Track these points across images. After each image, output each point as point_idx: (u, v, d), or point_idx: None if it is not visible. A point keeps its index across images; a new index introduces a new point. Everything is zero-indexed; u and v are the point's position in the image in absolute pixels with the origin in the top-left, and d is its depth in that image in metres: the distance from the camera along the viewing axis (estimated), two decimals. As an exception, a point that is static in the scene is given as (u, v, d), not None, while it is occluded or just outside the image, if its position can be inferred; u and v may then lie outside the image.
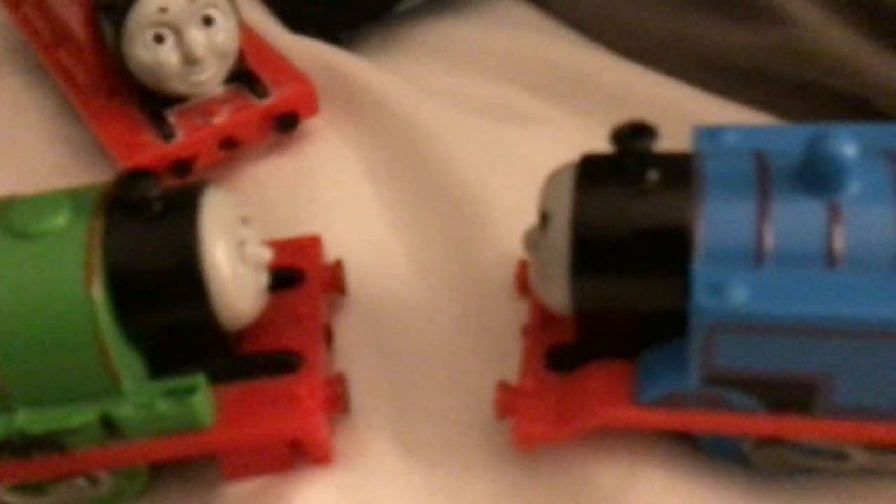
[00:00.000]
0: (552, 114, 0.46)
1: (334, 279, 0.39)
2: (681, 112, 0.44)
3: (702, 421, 0.31)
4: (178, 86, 0.42)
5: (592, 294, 0.31)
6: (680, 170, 0.30)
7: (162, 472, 0.35)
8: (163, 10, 0.40)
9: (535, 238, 0.32)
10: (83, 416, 0.31)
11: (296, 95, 0.44)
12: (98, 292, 0.30)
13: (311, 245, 0.39)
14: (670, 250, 0.29)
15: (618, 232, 0.30)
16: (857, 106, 0.41)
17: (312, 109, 0.45)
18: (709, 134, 0.32)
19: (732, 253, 0.29)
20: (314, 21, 0.50)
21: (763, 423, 0.30)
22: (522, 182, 0.40)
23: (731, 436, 0.31)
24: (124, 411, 0.31)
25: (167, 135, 0.42)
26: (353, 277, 0.40)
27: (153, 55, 0.41)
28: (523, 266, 0.37)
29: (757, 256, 0.29)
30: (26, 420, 0.31)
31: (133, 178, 0.32)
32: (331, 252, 0.40)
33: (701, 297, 0.28)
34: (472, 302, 0.39)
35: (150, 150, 0.42)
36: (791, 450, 0.31)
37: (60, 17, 0.47)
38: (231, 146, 0.43)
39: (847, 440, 0.30)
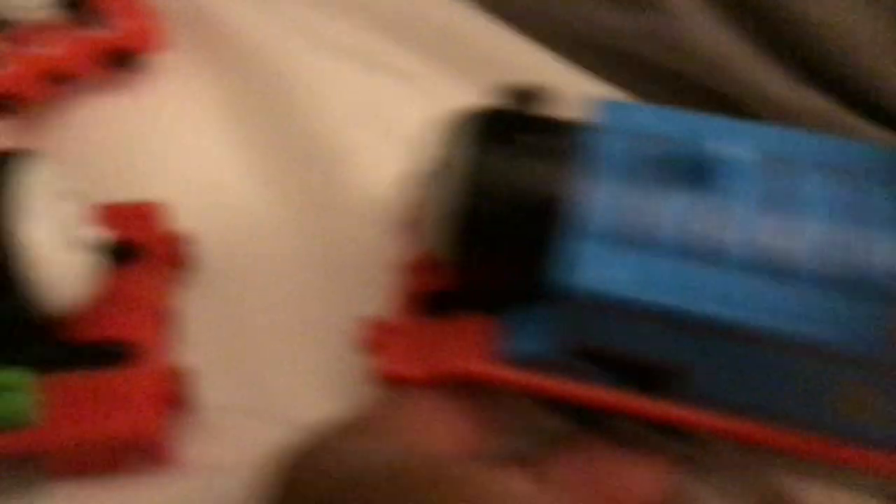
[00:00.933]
0: (420, 70, 0.43)
1: (174, 253, 0.36)
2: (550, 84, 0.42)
3: (557, 388, 0.31)
4: (-1, 10, 0.37)
5: (472, 249, 0.31)
6: (573, 141, 0.30)
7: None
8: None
9: (429, 180, 0.32)
10: None
11: (136, 29, 0.40)
12: None
13: (147, 212, 0.36)
14: (550, 220, 0.30)
15: (506, 193, 0.30)
16: (727, 104, 0.40)
17: (157, 45, 0.41)
18: (612, 107, 0.32)
19: (608, 233, 0.29)
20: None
21: (615, 399, 0.30)
22: (386, 136, 0.40)
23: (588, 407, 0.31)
24: None
25: (-13, 65, 0.38)
26: (200, 239, 0.37)
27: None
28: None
29: (631, 241, 0.29)
30: None
31: None
32: (175, 206, 0.37)
33: (566, 270, 0.28)
34: (333, 269, 0.37)
35: (-33, 82, 0.38)
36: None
37: None
38: (62, 81, 0.39)
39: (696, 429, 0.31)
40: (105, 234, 0.32)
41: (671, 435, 0.31)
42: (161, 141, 0.41)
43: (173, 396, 0.32)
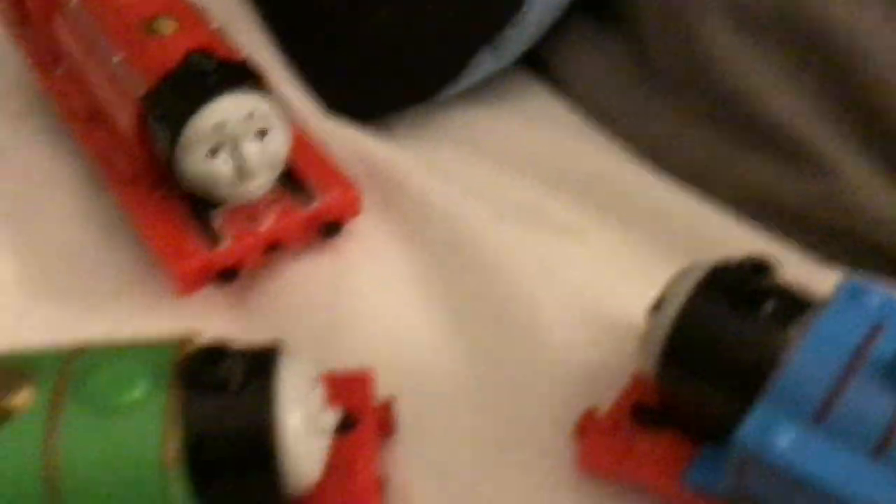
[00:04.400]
0: (590, 226, 0.47)
1: (385, 421, 0.38)
2: (714, 238, 0.45)
3: None
4: (227, 194, 0.42)
5: (671, 380, 0.35)
6: (790, 311, 0.34)
7: None
8: (221, 125, 0.39)
9: (650, 313, 0.36)
10: None
11: (341, 201, 0.44)
12: (174, 469, 0.31)
13: (361, 382, 0.38)
14: (747, 379, 0.33)
15: (709, 342, 0.34)
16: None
17: (355, 212, 0.45)
18: (852, 288, 0.34)
19: (797, 402, 0.31)
20: (352, 104, 0.50)
21: None
22: (567, 298, 0.43)
23: None
24: None
25: (214, 240, 0.42)
26: (392, 390, 0.40)
27: (207, 167, 0.40)
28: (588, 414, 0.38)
29: (816, 417, 0.31)
30: None
31: (213, 357, 0.32)
32: (373, 359, 0.40)
33: (747, 430, 0.31)
34: (516, 421, 0.39)
35: (197, 257, 0.42)
36: None
37: (101, 99, 0.46)
38: (275, 250, 0.43)
39: None
40: (336, 417, 0.34)
41: None
42: (356, 300, 0.44)
43: None
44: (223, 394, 0.32)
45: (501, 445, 0.39)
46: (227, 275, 0.42)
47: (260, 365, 0.32)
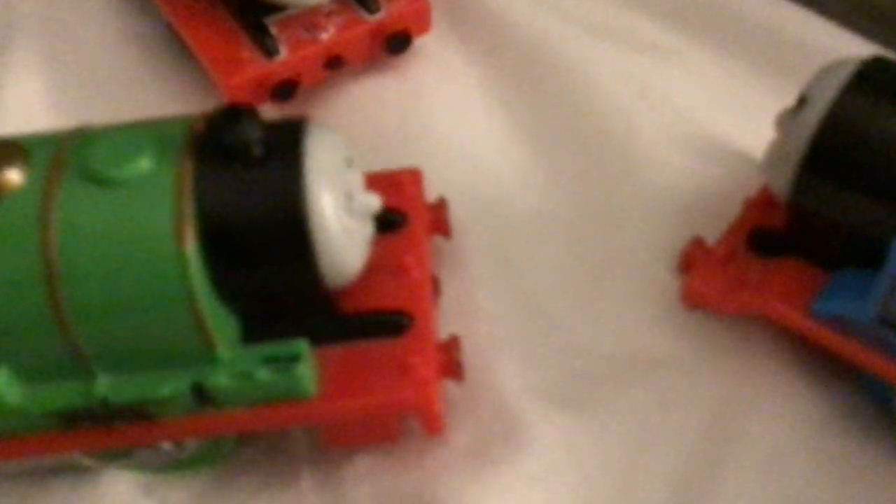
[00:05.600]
0: (684, 46, 0.42)
1: (438, 220, 0.35)
2: (830, 56, 0.40)
3: (859, 353, 0.30)
4: (285, -5, 0.37)
5: (814, 192, 0.30)
6: None
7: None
8: None
9: (785, 117, 0.31)
10: (174, 384, 0.28)
11: (409, 12, 0.39)
12: (191, 247, 0.26)
13: (411, 180, 0.34)
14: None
15: (864, 144, 0.29)
16: None
17: (424, 27, 0.40)
18: None
19: None
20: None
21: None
22: (666, 122, 0.38)
23: (881, 378, 0.31)
24: (220, 381, 0.28)
25: (270, 50, 0.37)
26: (464, 218, 0.36)
27: (263, -41, 0.36)
28: (696, 243, 0.34)
29: None
30: (110, 388, 0.28)
31: (231, 117, 0.27)
32: (442, 188, 0.36)
33: None
34: (610, 252, 0.36)
35: (252, 67, 0.37)
36: None
37: None
38: (336, 65, 0.39)
39: None
40: (379, 201, 0.30)
41: None
42: (427, 124, 0.40)
43: (451, 365, 0.31)
44: (242, 162, 0.27)
45: (594, 277, 0.36)
46: (283, 91, 0.38)
47: (286, 134, 0.28)
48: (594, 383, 0.33)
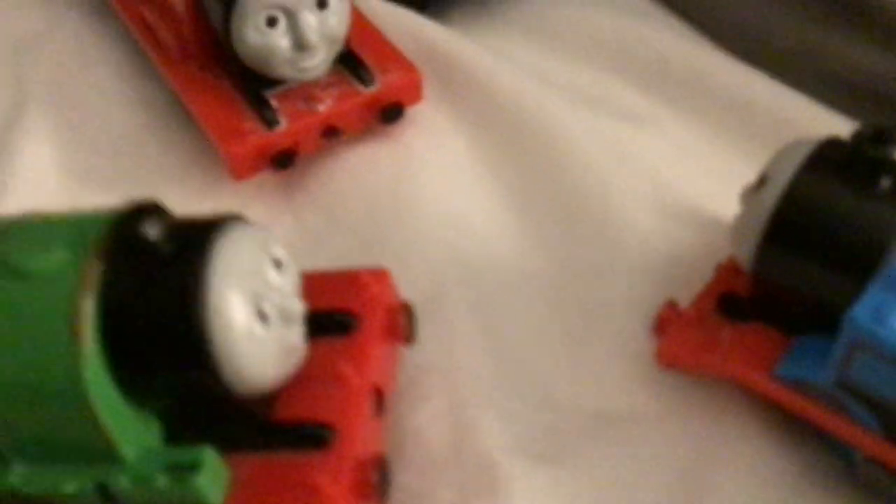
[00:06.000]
0: (661, 114, 0.44)
1: (396, 326, 0.33)
2: (800, 126, 0.42)
3: (820, 415, 0.32)
4: (284, 70, 0.39)
5: (774, 263, 0.32)
6: None
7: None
8: (278, -8, 0.37)
9: (748, 194, 0.33)
10: (78, 482, 0.28)
11: (402, 84, 0.42)
12: (88, 347, 0.26)
13: (374, 280, 0.33)
14: (860, 259, 0.30)
15: (818, 221, 0.31)
16: None
17: (416, 97, 0.43)
18: None
19: None
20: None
21: (871, 443, 0.31)
22: (642, 187, 0.40)
23: (840, 441, 0.32)
24: (121, 483, 0.28)
25: (271, 122, 0.39)
26: (449, 276, 0.38)
27: (264, 39, 0.38)
28: (669, 306, 0.36)
29: None
30: (21, 478, 0.28)
31: (135, 215, 0.27)
32: (429, 248, 0.38)
33: (859, 311, 0.29)
34: (589, 312, 0.38)
35: (253, 137, 0.39)
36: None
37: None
38: (333, 134, 0.41)
39: None
40: (302, 307, 0.29)
41: None
42: (416, 189, 0.42)
43: (368, 489, 0.29)
44: (149, 260, 0.27)
45: (573, 339, 0.37)
46: (282, 159, 0.40)
47: (200, 232, 0.27)
48: (572, 438, 0.35)
